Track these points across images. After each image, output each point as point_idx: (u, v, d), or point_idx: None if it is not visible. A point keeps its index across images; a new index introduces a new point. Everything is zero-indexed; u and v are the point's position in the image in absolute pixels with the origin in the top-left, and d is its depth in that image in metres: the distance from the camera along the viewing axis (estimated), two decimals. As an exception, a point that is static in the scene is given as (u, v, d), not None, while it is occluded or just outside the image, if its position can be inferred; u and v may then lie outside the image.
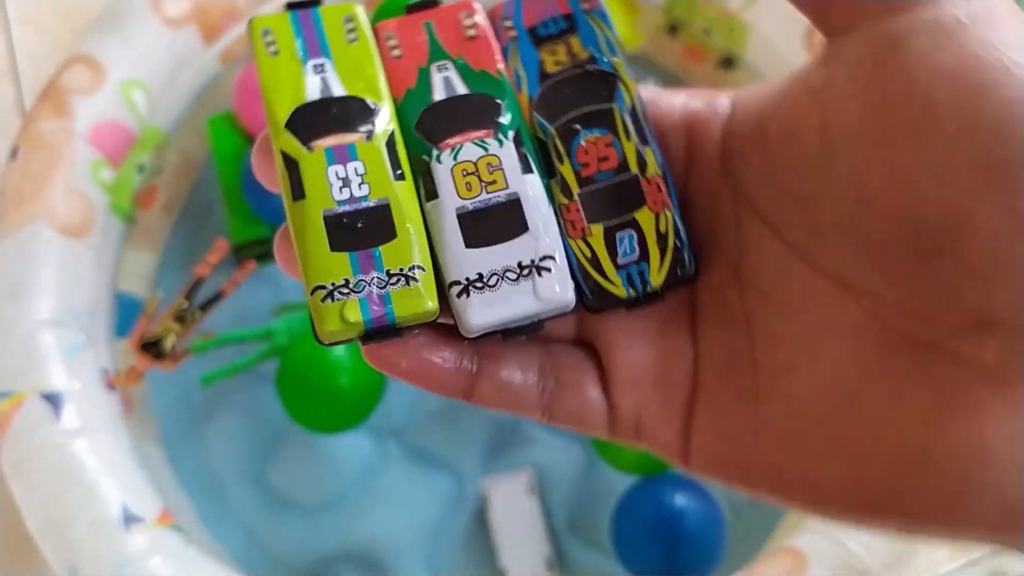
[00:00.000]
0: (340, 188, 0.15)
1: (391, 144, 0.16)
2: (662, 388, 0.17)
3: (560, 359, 0.17)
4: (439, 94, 0.16)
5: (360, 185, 0.15)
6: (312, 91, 0.16)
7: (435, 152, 0.16)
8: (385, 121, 0.16)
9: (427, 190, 0.16)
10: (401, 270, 0.15)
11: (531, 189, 0.16)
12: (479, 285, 0.15)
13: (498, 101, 0.16)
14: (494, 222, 0.15)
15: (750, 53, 0.54)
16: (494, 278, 0.15)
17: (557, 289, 0.15)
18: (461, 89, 0.16)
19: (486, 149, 0.16)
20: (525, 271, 0.15)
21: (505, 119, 0.16)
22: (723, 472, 0.16)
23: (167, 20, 0.52)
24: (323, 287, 0.15)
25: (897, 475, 0.13)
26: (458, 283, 0.15)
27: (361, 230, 0.15)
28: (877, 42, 0.13)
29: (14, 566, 0.45)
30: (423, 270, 0.15)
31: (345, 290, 0.15)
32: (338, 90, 0.16)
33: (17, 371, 0.42)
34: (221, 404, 0.49)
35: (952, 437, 0.13)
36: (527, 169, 0.16)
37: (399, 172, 0.16)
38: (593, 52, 0.17)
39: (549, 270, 0.15)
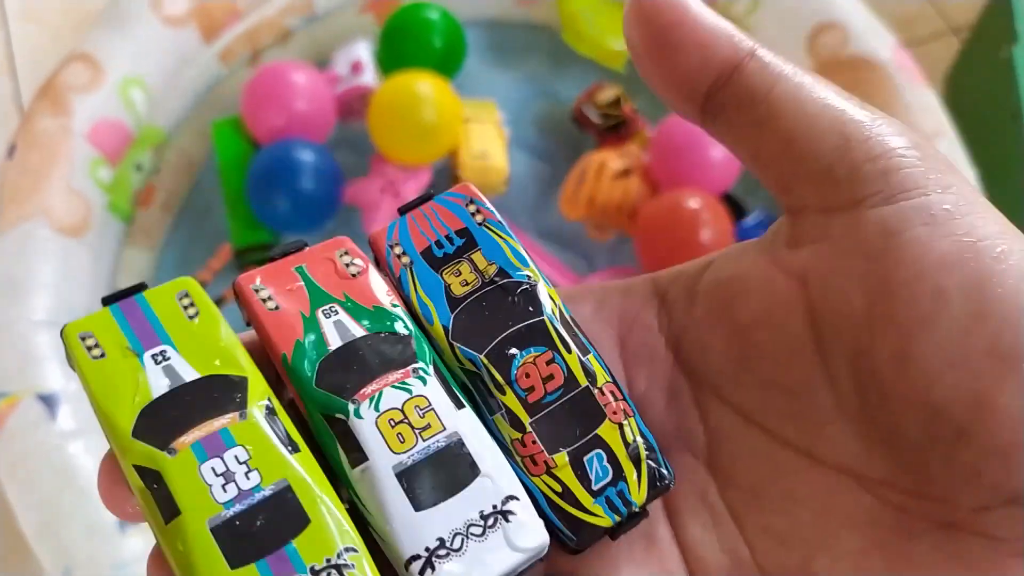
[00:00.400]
0: (223, 486, 0.13)
1: (272, 415, 0.13)
2: None
3: None
4: (335, 341, 0.14)
5: (248, 474, 0.13)
6: (158, 385, 0.13)
7: (351, 407, 0.13)
8: (257, 392, 0.13)
9: (351, 454, 0.13)
10: (329, 562, 0.12)
11: (470, 425, 0.14)
12: (442, 553, 0.13)
13: (404, 335, 0.14)
14: (441, 472, 0.13)
15: (753, 58, 0.53)
16: (458, 539, 0.13)
17: (532, 531, 0.13)
18: (359, 331, 0.14)
19: (410, 391, 0.14)
20: (490, 520, 0.13)
21: (420, 354, 0.14)
22: None
23: (167, 19, 0.51)
24: None
25: None
26: (417, 558, 0.13)
27: (263, 528, 0.12)
28: (870, 228, 0.13)
29: (7, 567, 0.45)
30: (355, 551, 0.12)
31: None
32: (189, 375, 0.13)
33: (12, 372, 0.42)
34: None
35: None
36: (459, 405, 0.14)
37: (291, 445, 0.13)
38: (502, 266, 0.15)
39: (515, 512, 0.13)
